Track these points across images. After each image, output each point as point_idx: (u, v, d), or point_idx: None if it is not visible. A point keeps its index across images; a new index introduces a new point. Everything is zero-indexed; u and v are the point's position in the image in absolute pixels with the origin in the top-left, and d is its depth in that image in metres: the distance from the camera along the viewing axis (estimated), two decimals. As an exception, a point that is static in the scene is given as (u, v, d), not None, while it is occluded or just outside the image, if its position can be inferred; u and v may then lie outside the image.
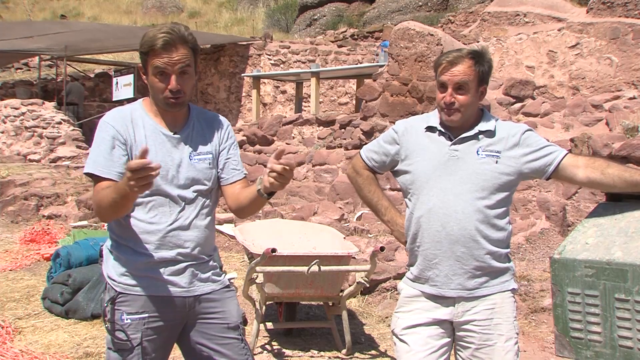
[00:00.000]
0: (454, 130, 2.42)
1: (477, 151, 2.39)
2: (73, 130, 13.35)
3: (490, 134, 2.41)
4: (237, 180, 2.38)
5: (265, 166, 9.80)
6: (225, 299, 2.36)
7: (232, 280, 2.51)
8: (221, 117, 2.47)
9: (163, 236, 2.23)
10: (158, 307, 2.24)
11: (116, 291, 2.24)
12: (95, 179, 2.22)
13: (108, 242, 2.33)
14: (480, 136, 2.41)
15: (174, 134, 2.29)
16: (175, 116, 2.31)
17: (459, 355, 2.47)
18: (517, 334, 2.43)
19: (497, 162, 2.37)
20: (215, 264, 2.39)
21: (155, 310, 2.24)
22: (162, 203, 2.24)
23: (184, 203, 2.27)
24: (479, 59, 2.35)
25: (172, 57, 2.17)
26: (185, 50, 2.20)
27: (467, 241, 2.35)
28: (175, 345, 2.40)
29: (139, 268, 2.23)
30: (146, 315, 2.23)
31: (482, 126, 2.42)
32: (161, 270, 2.24)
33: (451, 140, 2.42)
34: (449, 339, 2.44)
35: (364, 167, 2.63)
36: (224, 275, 2.42)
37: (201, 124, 2.36)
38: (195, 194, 2.29)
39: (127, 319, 2.21)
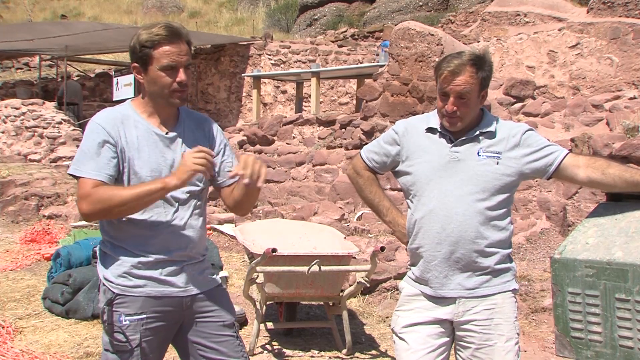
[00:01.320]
0: (455, 132, 2.41)
1: (478, 152, 2.38)
2: (73, 130, 13.35)
3: (490, 134, 2.41)
4: (234, 182, 2.38)
5: (266, 166, 9.81)
6: (219, 297, 2.38)
7: (224, 277, 2.54)
8: (208, 118, 2.48)
9: (159, 237, 2.23)
10: (156, 307, 2.24)
11: (113, 293, 2.23)
12: (81, 179, 2.18)
13: (102, 244, 2.32)
14: (480, 137, 2.40)
15: (166, 134, 2.29)
16: (168, 115, 2.31)
17: (458, 355, 2.47)
18: (518, 334, 2.43)
19: (498, 163, 2.37)
20: (208, 263, 2.42)
21: (154, 311, 2.24)
22: (157, 204, 2.23)
23: (177, 204, 2.28)
24: (481, 64, 2.33)
25: (181, 51, 2.20)
26: (185, 44, 2.24)
27: (467, 243, 2.35)
28: (172, 345, 2.40)
29: (136, 269, 2.23)
30: (144, 316, 2.22)
31: (483, 127, 2.41)
32: (158, 270, 2.24)
33: (452, 141, 2.41)
34: (449, 339, 2.45)
35: (365, 167, 2.63)
36: (216, 274, 2.43)
37: (191, 124, 2.38)
38: (188, 194, 2.30)
39: (125, 321, 2.21)
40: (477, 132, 2.40)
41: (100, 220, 2.26)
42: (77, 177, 2.21)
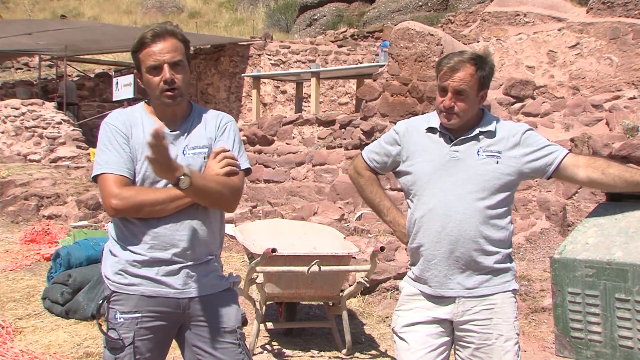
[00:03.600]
0: (455, 131, 2.42)
1: (478, 152, 2.39)
2: (73, 130, 13.35)
3: (490, 134, 2.41)
4: None
5: (265, 166, 9.82)
6: (223, 302, 2.32)
7: (236, 281, 2.48)
8: (223, 114, 2.45)
9: (155, 235, 2.22)
10: (151, 307, 2.23)
11: (111, 290, 2.25)
12: (104, 178, 2.22)
13: (108, 242, 2.34)
14: (480, 137, 2.41)
15: (171, 131, 2.30)
16: (175, 114, 2.32)
17: (458, 354, 2.47)
18: (518, 334, 2.43)
19: (497, 162, 2.37)
20: (216, 265, 2.36)
21: (149, 310, 2.23)
22: None
23: None
24: (481, 63, 2.35)
25: (163, 49, 2.22)
26: (175, 40, 2.25)
27: (466, 242, 2.35)
28: (176, 345, 2.39)
29: (132, 267, 2.23)
30: (139, 315, 2.21)
31: (483, 127, 2.42)
32: (155, 270, 2.23)
33: (451, 141, 2.42)
34: (449, 338, 2.45)
35: (366, 167, 2.63)
36: (225, 277, 2.39)
37: (200, 120, 2.36)
38: None
39: (120, 318, 2.22)
40: (477, 131, 2.41)
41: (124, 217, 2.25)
42: (96, 178, 2.26)
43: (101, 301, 2.25)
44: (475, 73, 2.33)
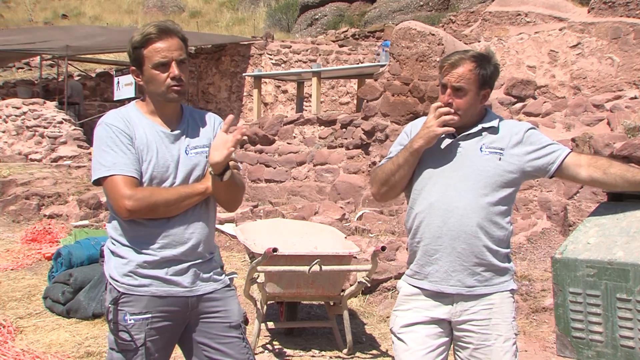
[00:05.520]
0: (458, 127, 2.42)
1: (481, 148, 2.40)
2: (74, 129, 13.36)
3: (493, 130, 2.42)
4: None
5: (266, 166, 9.82)
6: (226, 298, 2.36)
7: (232, 278, 2.52)
8: (214, 114, 2.49)
9: (165, 234, 2.24)
10: (161, 307, 2.24)
11: (119, 292, 2.23)
12: (113, 180, 2.19)
13: (109, 242, 2.33)
14: (483, 132, 2.42)
15: (172, 131, 2.31)
16: (171, 114, 2.33)
17: (457, 355, 2.47)
18: (516, 334, 2.43)
19: (500, 159, 2.38)
20: (216, 263, 2.40)
21: (159, 311, 2.24)
22: None
23: None
24: (482, 62, 2.35)
25: (171, 46, 2.23)
26: (178, 39, 2.27)
27: (468, 237, 2.35)
28: (176, 345, 2.40)
29: (142, 268, 2.23)
30: (149, 315, 2.23)
31: (485, 123, 2.43)
32: (164, 270, 2.24)
33: (454, 137, 2.42)
34: (447, 339, 2.44)
35: None
36: (224, 274, 2.42)
37: (195, 120, 2.39)
38: None
39: (130, 320, 2.21)
40: (480, 127, 2.42)
41: (131, 218, 2.23)
42: (99, 180, 2.23)
43: (109, 305, 2.24)
44: (475, 70, 2.34)
